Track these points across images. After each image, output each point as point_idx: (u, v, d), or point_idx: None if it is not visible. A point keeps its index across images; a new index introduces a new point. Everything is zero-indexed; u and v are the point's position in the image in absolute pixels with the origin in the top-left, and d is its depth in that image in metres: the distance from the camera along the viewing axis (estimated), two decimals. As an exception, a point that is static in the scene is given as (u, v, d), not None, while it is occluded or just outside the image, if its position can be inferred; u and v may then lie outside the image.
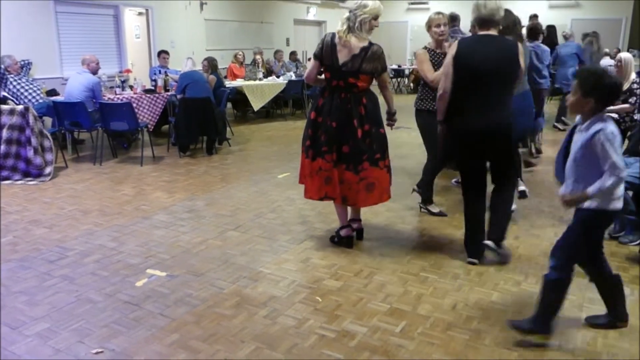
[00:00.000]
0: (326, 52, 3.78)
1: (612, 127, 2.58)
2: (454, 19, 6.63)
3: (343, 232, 4.12)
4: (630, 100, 6.38)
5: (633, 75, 6.41)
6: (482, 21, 3.63)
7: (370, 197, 3.94)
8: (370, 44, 3.77)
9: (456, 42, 3.74)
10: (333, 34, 3.81)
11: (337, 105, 3.81)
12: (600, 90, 2.59)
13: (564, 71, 9.29)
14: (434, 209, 4.91)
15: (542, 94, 6.99)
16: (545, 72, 6.93)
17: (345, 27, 3.75)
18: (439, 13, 4.66)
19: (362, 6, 3.73)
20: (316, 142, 3.90)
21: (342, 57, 3.74)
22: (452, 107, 3.69)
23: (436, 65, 4.59)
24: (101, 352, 2.74)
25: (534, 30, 7.43)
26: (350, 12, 3.78)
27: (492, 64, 3.55)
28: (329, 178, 3.88)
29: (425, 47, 4.66)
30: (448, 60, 3.64)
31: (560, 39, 10.56)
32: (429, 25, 4.62)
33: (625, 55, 6.54)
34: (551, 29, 10.57)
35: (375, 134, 3.88)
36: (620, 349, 2.78)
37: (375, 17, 3.78)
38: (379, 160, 3.90)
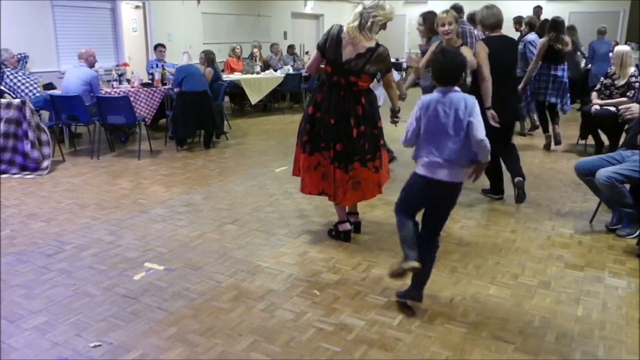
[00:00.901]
0: (330, 46, 3.69)
1: (428, 98, 2.92)
2: (458, 11, 6.68)
3: (341, 227, 4.12)
4: (628, 93, 6.40)
5: (632, 69, 6.40)
6: (496, 24, 4.83)
7: (354, 195, 3.95)
8: (377, 45, 3.71)
9: (482, 42, 4.71)
10: (340, 28, 3.71)
11: (336, 102, 3.77)
12: (433, 67, 2.95)
13: (605, 66, 9.31)
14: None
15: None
16: None
17: (356, 23, 3.65)
18: (445, 11, 4.64)
19: (380, 7, 3.64)
20: (314, 138, 3.87)
21: (347, 54, 3.67)
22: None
23: None
24: (99, 345, 2.74)
25: (532, 24, 8.36)
26: (364, 8, 3.66)
27: (510, 58, 4.90)
28: (326, 174, 3.88)
29: (440, 42, 4.81)
30: (484, 55, 4.56)
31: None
32: (437, 24, 4.70)
33: (617, 48, 6.56)
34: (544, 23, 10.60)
35: (370, 134, 3.85)
36: (616, 342, 2.79)
37: (388, 21, 3.75)
38: (369, 161, 3.88)
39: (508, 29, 8.90)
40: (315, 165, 3.90)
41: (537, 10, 10.25)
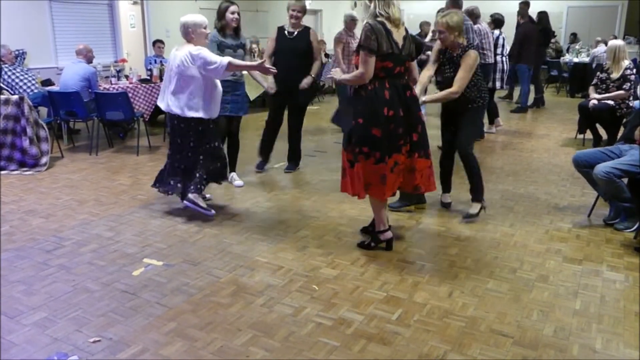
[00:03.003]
0: (383, 41, 3.43)
1: None
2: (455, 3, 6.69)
3: (383, 236, 3.85)
4: (624, 86, 6.43)
5: (626, 62, 6.45)
6: None
7: (434, 180, 3.86)
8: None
9: None
10: (376, 20, 3.46)
11: (400, 94, 3.59)
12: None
13: None
14: None
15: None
16: None
17: (393, 9, 3.46)
18: (443, 15, 4.42)
19: None
20: (392, 138, 3.57)
21: (400, 41, 3.53)
22: None
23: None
24: (99, 340, 2.75)
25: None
26: None
27: None
28: (402, 170, 3.70)
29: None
30: None
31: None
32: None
33: (611, 42, 6.63)
34: (543, 14, 10.55)
35: None
36: (614, 335, 2.80)
37: None
38: None
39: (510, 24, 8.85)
40: (392, 167, 3.61)
41: (523, 6, 10.18)
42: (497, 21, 8.29)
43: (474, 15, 7.13)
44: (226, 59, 4.19)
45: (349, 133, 3.67)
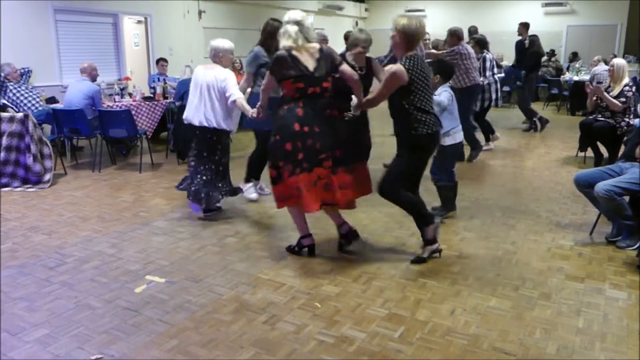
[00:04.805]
0: (289, 68, 3.71)
1: (448, 90, 4.63)
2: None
3: (306, 241, 4.11)
4: (620, 99, 6.61)
5: (625, 80, 6.61)
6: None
7: (357, 192, 4.15)
8: (320, 45, 3.87)
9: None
10: (285, 51, 3.76)
11: (317, 112, 3.79)
12: (441, 71, 4.62)
13: None
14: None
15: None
16: None
17: (301, 37, 3.76)
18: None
19: (306, 17, 3.84)
20: (310, 153, 3.75)
21: (310, 64, 3.75)
22: None
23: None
24: (100, 357, 2.74)
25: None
26: (296, 24, 3.75)
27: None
28: (328, 185, 3.84)
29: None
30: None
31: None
32: None
33: (617, 61, 6.80)
34: (534, 37, 10.52)
35: (357, 135, 4.20)
36: (617, 353, 2.79)
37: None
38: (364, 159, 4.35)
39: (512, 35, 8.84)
40: (315, 181, 3.79)
41: (522, 29, 10.22)
42: (480, 42, 8.23)
43: (455, 36, 7.11)
44: (235, 97, 4.65)
45: (270, 150, 3.93)
